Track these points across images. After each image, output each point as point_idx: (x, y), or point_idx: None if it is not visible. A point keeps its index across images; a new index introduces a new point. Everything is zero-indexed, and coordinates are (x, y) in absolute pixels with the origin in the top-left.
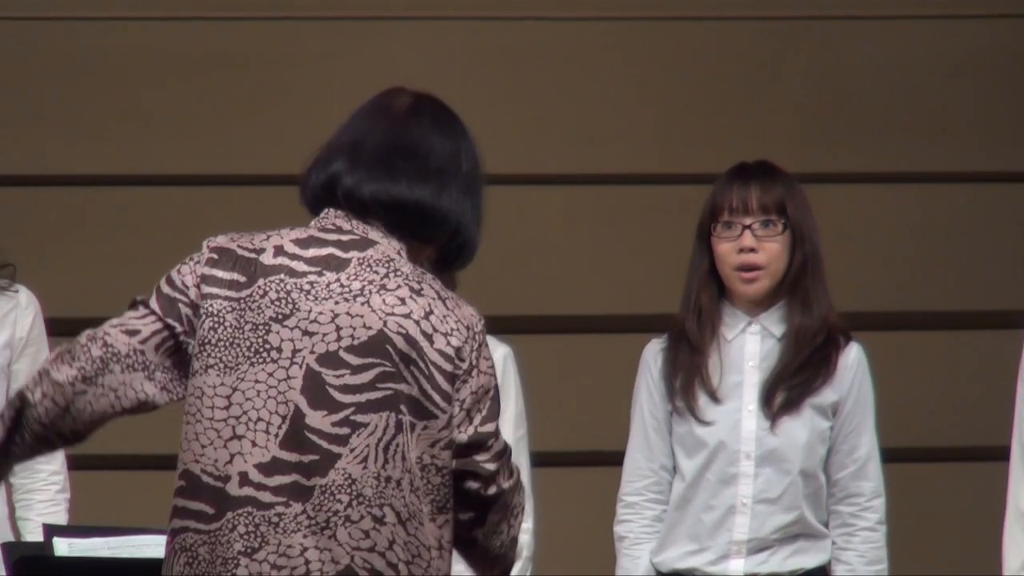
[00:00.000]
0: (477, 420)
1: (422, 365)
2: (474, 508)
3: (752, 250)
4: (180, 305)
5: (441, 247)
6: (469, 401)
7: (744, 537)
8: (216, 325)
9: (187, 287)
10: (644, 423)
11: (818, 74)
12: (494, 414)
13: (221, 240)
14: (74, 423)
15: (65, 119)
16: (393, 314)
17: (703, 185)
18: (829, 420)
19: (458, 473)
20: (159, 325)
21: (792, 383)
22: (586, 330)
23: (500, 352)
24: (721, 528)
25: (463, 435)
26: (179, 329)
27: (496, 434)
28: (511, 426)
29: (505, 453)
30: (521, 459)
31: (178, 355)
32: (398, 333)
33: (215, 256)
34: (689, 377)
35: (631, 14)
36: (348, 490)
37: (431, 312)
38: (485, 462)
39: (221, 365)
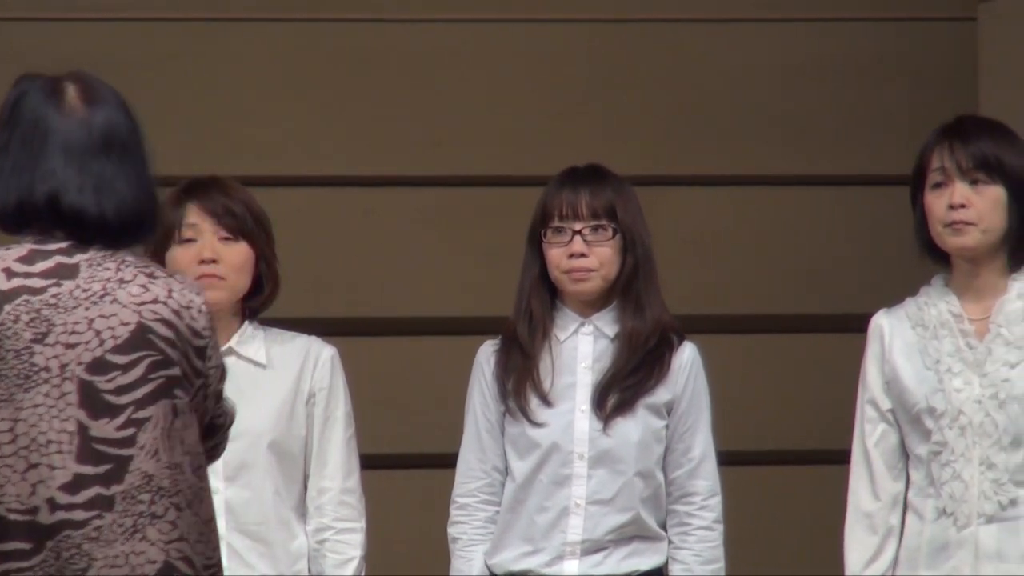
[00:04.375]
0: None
1: (180, 344)
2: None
3: (582, 255)
4: None
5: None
6: (214, 375)
7: (578, 538)
8: None
9: None
10: (477, 424)
11: (668, 76)
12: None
13: None
14: None
15: None
16: (143, 303)
17: None
18: (664, 419)
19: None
20: None
21: (625, 384)
22: (426, 332)
23: (327, 353)
24: (555, 529)
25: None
26: None
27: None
28: (341, 426)
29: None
30: (351, 459)
31: None
32: (155, 320)
33: None
34: (521, 379)
35: (480, 16)
36: (147, 488)
37: (172, 291)
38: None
39: None
